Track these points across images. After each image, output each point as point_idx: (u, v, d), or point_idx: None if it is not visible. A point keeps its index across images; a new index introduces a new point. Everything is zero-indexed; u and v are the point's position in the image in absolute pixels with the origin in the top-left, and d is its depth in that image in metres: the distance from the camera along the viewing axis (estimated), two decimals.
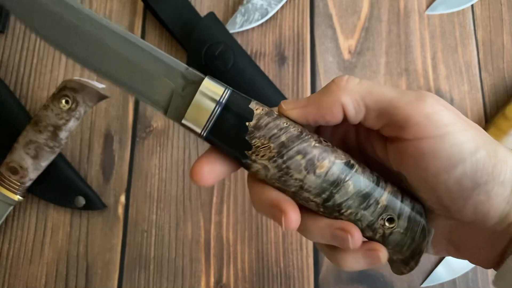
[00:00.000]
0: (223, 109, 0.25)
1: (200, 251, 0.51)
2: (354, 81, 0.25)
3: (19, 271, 0.50)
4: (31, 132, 0.48)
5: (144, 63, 0.25)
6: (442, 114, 0.23)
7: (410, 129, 0.23)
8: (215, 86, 0.26)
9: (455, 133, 0.23)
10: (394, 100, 0.24)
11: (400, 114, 0.24)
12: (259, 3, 0.57)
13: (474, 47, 0.58)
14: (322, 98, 0.25)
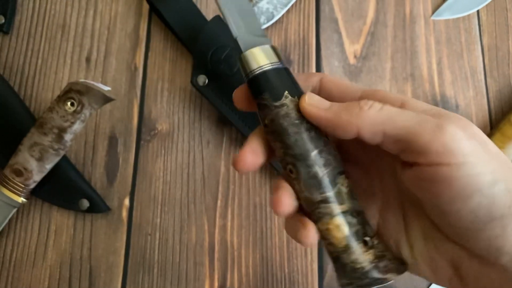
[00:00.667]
0: (272, 69, 0.28)
1: (204, 255, 0.51)
2: (376, 108, 0.25)
3: (22, 273, 0.50)
4: (36, 134, 0.48)
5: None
6: (462, 143, 0.23)
7: (427, 156, 0.23)
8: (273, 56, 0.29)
9: (473, 163, 0.23)
10: (414, 128, 0.24)
11: (419, 142, 0.23)
12: (265, 7, 0.56)
13: (479, 53, 0.58)
14: (341, 113, 0.26)
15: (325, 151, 0.27)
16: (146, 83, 0.56)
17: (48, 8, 0.58)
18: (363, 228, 0.27)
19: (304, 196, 0.27)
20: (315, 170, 0.26)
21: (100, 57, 0.56)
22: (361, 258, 0.26)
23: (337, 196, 0.27)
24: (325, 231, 0.27)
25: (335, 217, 0.26)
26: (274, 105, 0.27)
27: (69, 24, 0.57)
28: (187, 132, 0.55)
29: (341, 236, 0.26)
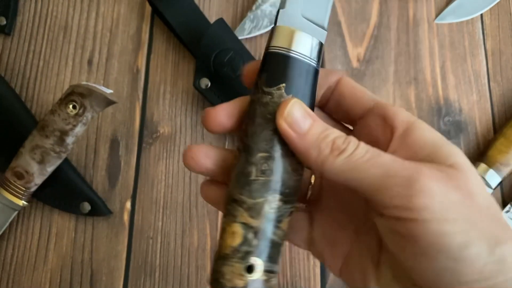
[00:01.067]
0: (291, 57, 0.25)
1: (206, 259, 0.51)
2: (345, 154, 0.23)
3: (23, 277, 0.50)
4: (38, 137, 0.48)
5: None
6: (431, 200, 0.21)
7: (391, 210, 0.22)
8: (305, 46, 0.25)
9: (442, 221, 0.20)
10: (379, 183, 0.22)
11: (382, 198, 0.22)
12: (268, 10, 0.56)
13: (483, 57, 0.58)
14: (311, 149, 0.23)
15: (274, 161, 0.24)
16: (148, 85, 0.56)
17: (50, 9, 0.58)
18: (259, 254, 0.24)
19: (232, 181, 0.25)
20: (249, 171, 0.24)
21: (102, 59, 0.56)
22: (231, 277, 0.24)
23: (254, 208, 0.24)
24: (222, 227, 0.25)
25: (237, 224, 0.24)
26: (261, 89, 0.25)
27: (71, 26, 0.57)
28: (189, 135, 0.54)
29: (229, 244, 0.24)
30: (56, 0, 0.58)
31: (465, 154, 0.53)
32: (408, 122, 0.24)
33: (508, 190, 0.54)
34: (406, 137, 0.24)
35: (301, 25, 0.25)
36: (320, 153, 0.23)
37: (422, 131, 0.24)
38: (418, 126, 0.24)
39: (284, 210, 0.25)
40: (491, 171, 0.52)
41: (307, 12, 0.26)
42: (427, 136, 0.24)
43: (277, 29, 0.25)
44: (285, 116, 0.24)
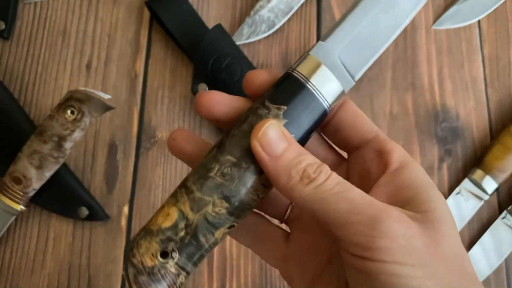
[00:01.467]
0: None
1: (203, 264, 0.51)
2: (315, 184, 0.22)
3: (21, 281, 0.50)
4: (36, 142, 0.48)
5: None
6: (392, 241, 0.21)
7: (351, 247, 0.22)
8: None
9: (401, 264, 0.20)
10: (343, 218, 0.22)
11: (344, 235, 0.22)
12: (266, 15, 0.56)
13: (480, 63, 0.58)
14: (281, 175, 0.23)
15: (238, 171, 0.24)
16: (146, 90, 0.56)
17: (49, 14, 0.58)
18: (181, 247, 0.24)
19: (193, 169, 0.25)
20: (212, 167, 0.24)
21: (101, 64, 0.56)
22: (144, 252, 0.24)
23: (197, 202, 0.24)
24: (162, 205, 0.25)
25: (175, 208, 0.24)
26: (263, 100, 0.24)
27: (70, 31, 0.57)
28: None
29: (158, 223, 0.24)
30: (55, 4, 0.58)
31: (462, 160, 0.54)
32: (403, 161, 0.24)
33: (504, 196, 0.54)
34: (397, 175, 0.24)
35: (332, 65, 0.25)
36: (289, 179, 0.23)
37: (413, 172, 0.24)
38: (410, 167, 0.24)
39: (225, 220, 0.24)
40: (487, 177, 0.52)
41: (344, 55, 0.25)
42: (416, 178, 0.24)
43: (308, 57, 0.25)
44: (259, 136, 0.23)
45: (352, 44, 0.25)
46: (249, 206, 0.25)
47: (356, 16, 0.25)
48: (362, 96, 0.56)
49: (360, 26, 0.25)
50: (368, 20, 0.25)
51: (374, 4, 0.25)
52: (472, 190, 0.53)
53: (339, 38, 0.25)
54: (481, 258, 0.52)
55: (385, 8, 0.25)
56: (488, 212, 0.53)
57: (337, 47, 0.25)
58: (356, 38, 0.25)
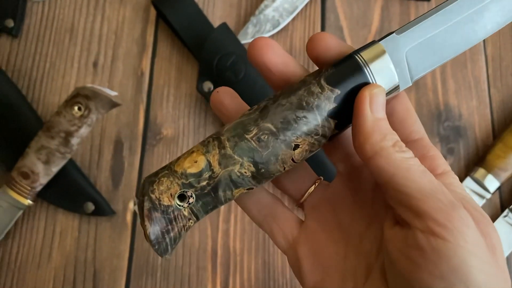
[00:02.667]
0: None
1: (207, 260, 0.51)
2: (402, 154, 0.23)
3: (27, 274, 0.51)
4: (43, 138, 0.49)
5: None
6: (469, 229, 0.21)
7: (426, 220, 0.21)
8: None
9: (474, 255, 0.20)
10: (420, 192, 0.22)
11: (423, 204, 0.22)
12: (271, 14, 0.57)
13: (483, 63, 0.59)
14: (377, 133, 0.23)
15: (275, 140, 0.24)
16: (152, 88, 0.56)
17: (56, 12, 0.59)
18: (199, 195, 0.25)
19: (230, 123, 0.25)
20: (250, 129, 0.24)
21: (107, 61, 0.57)
22: (164, 189, 0.24)
23: (227, 160, 0.24)
24: (191, 149, 0.25)
25: (203, 158, 0.24)
26: (319, 78, 0.24)
27: (77, 29, 0.58)
28: (192, 138, 0.55)
29: (184, 166, 0.25)
30: (62, 3, 0.59)
31: (464, 159, 0.54)
32: (445, 169, 0.25)
33: (506, 195, 0.54)
34: (443, 180, 0.24)
35: (397, 59, 0.24)
36: (382, 140, 0.23)
37: (456, 181, 0.25)
38: (452, 175, 0.25)
39: (247, 182, 0.25)
40: (489, 176, 0.52)
41: (412, 54, 0.25)
42: (460, 185, 0.24)
43: (376, 45, 0.24)
44: (373, 94, 0.23)
45: (423, 46, 0.25)
46: (273, 175, 0.25)
47: (437, 19, 0.24)
48: None
49: (437, 31, 0.24)
50: (447, 27, 0.24)
51: (459, 13, 0.24)
52: (475, 189, 0.53)
53: (413, 36, 0.25)
54: None
55: (467, 21, 0.25)
56: (490, 210, 0.54)
57: (408, 44, 0.25)
58: (429, 42, 0.25)
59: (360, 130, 0.23)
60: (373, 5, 0.60)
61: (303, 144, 0.24)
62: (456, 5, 0.24)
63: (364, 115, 0.23)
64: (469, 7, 0.24)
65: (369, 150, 0.23)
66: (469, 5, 0.24)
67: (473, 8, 0.24)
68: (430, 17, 0.24)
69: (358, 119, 0.23)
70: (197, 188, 0.25)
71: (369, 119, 0.23)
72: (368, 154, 0.23)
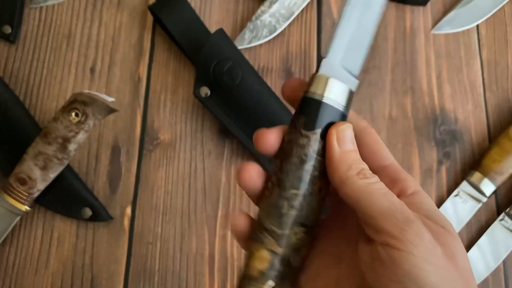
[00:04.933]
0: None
1: (204, 265, 0.52)
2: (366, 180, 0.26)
3: (25, 280, 0.51)
4: (41, 144, 0.49)
5: None
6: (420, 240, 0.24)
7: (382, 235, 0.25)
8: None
9: (425, 261, 0.24)
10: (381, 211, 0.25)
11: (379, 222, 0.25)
12: (268, 20, 0.57)
13: (479, 67, 0.59)
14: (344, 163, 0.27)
15: (304, 198, 0.27)
16: (149, 93, 0.57)
17: (54, 18, 0.59)
18: (280, 277, 0.27)
19: (263, 211, 0.28)
20: (281, 205, 0.27)
21: (105, 67, 0.57)
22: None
23: (283, 238, 0.27)
24: (250, 251, 0.28)
25: (266, 251, 0.27)
26: (300, 131, 0.27)
27: (74, 35, 0.58)
28: (189, 143, 0.55)
29: (256, 267, 0.27)
30: (60, 9, 0.59)
31: (460, 162, 0.55)
32: (416, 189, 0.28)
33: (502, 199, 0.54)
34: (413, 199, 0.27)
35: (338, 74, 0.28)
36: (349, 170, 0.26)
37: (427, 199, 0.28)
38: (423, 194, 0.28)
39: (306, 240, 0.28)
40: (485, 179, 0.53)
41: (345, 62, 0.28)
42: (428, 203, 0.27)
43: (316, 77, 0.28)
44: (339, 130, 0.27)
45: (348, 50, 0.29)
46: (319, 219, 0.29)
47: (343, 25, 0.29)
48: (362, 100, 0.57)
49: (349, 32, 0.29)
50: (353, 25, 0.29)
51: (353, 11, 0.29)
52: (471, 192, 0.53)
53: (337, 50, 0.28)
54: (479, 260, 0.52)
55: (362, 11, 0.29)
56: (486, 214, 0.54)
57: (337, 58, 0.28)
58: (349, 44, 0.29)
59: (330, 163, 0.27)
60: None
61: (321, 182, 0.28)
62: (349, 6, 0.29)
63: (332, 150, 0.27)
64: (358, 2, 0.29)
65: (337, 179, 0.27)
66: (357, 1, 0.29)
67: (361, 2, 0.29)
68: (338, 27, 0.29)
69: (328, 153, 0.27)
70: (276, 274, 0.27)
71: (336, 153, 0.27)
72: (337, 182, 0.27)
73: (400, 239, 0.24)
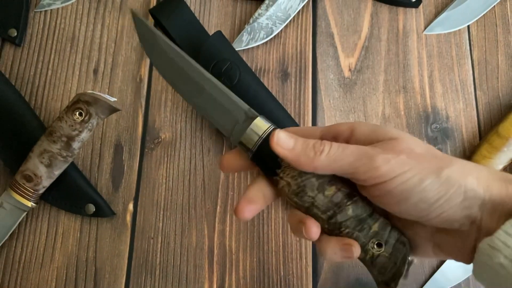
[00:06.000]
0: (263, 141, 0.33)
1: (204, 258, 0.53)
2: (325, 152, 0.31)
3: (31, 274, 0.53)
4: (46, 142, 0.51)
5: (223, 102, 0.35)
6: (389, 165, 0.29)
7: (368, 181, 0.30)
8: (263, 124, 0.33)
9: (402, 174, 0.29)
10: (353, 164, 0.30)
11: (359, 174, 0.30)
12: (265, 22, 0.59)
13: (469, 67, 0.61)
14: (301, 157, 0.31)
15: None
16: (150, 94, 0.59)
17: (58, 22, 0.61)
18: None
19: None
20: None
21: (107, 69, 0.59)
22: None
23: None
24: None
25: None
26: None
27: (78, 38, 0.60)
28: (189, 141, 0.57)
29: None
30: (64, 13, 0.61)
31: None
32: (351, 127, 0.34)
33: None
34: (352, 137, 0.34)
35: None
36: (308, 156, 0.31)
37: (361, 126, 0.33)
38: (358, 125, 0.34)
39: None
40: None
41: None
42: (367, 127, 0.33)
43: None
44: (276, 141, 0.32)
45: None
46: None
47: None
48: (355, 99, 0.59)
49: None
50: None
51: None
52: None
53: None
54: None
55: None
56: None
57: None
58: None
59: (294, 163, 0.32)
60: (363, 12, 0.62)
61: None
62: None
63: (285, 155, 0.32)
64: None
65: (309, 168, 0.31)
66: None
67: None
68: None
69: (287, 160, 0.32)
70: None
71: (289, 154, 0.32)
72: (312, 169, 0.31)
73: (378, 176, 0.29)
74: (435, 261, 0.54)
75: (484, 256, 0.28)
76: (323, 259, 0.53)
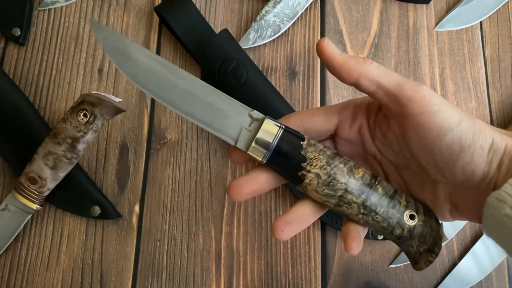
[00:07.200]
0: (279, 140, 0.32)
1: (211, 261, 0.53)
2: (375, 64, 0.31)
3: (36, 277, 0.52)
4: (50, 144, 0.50)
5: (221, 107, 0.32)
6: (434, 97, 0.30)
7: (410, 107, 0.30)
8: (272, 125, 0.32)
9: (444, 110, 0.29)
10: (401, 84, 0.30)
11: (404, 95, 0.30)
12: (272, 20, 0.58)
13: (482, 64, 0.59)
14: (350, 60, 0.31)
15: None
16: None
17: (62, 20, 0.60)
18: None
19: None
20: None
21: (112, 68, 0.58)
22: None
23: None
24: None
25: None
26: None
27: (82, 36, 0.60)
28: (195, 142, 0.56)
29: None
30: (68, 11, 0.60)
31: None
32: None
33: None
34: None
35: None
36: (357, 61, 0.31)
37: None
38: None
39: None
40: None
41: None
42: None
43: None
44: (325, 44, 0.32)
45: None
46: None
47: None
48: None
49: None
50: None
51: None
52: None
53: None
54: (484, 254, 0.53)
55: None
56: None
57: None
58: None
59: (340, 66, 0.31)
60: (372, 8, 0.61)
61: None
62: None
63: (333, 57, 0.32)
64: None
65: (353, 74, 0.31)
66: None
67: None
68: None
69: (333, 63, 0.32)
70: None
71: (339, 57, 0.31)
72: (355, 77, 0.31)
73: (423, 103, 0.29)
74: (447, 264, 0.53)
75: (492, 209, 0.28)
76: (332, 261, 0.53)
